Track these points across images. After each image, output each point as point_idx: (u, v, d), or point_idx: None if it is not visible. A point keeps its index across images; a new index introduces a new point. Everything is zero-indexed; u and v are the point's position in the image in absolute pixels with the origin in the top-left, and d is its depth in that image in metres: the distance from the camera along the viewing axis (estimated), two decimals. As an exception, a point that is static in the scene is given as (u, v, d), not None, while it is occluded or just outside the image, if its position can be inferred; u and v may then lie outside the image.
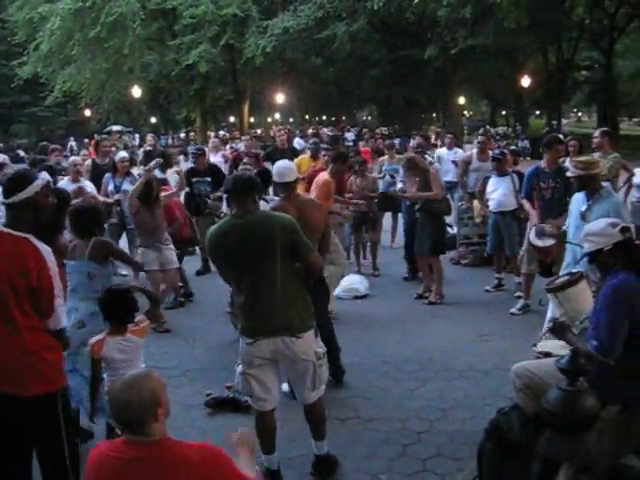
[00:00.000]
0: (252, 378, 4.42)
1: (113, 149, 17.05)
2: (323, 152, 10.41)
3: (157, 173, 9.67)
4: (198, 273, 10.54)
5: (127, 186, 9.55)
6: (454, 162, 11.93)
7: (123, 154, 10.47)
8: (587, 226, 4.12)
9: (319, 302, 5.30)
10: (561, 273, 5.74)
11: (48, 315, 3.73)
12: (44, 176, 3.85)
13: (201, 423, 5.55)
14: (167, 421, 2.82)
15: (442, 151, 12.87)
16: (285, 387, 5.98)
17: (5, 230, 3.68)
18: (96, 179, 9.73)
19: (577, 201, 6.30)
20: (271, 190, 8.15)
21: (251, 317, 4.36)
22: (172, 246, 8.22)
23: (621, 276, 3.70)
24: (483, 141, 10.98)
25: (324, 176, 7.93)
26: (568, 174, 6.37)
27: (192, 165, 11.00)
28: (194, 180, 10.32)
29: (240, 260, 4.28)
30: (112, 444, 2.79)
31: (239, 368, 4.56)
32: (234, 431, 3.22)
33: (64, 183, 8.82)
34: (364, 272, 10.22)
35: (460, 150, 12.81)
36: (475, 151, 10.99)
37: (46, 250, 3.71)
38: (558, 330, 3.99)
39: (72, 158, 10.01)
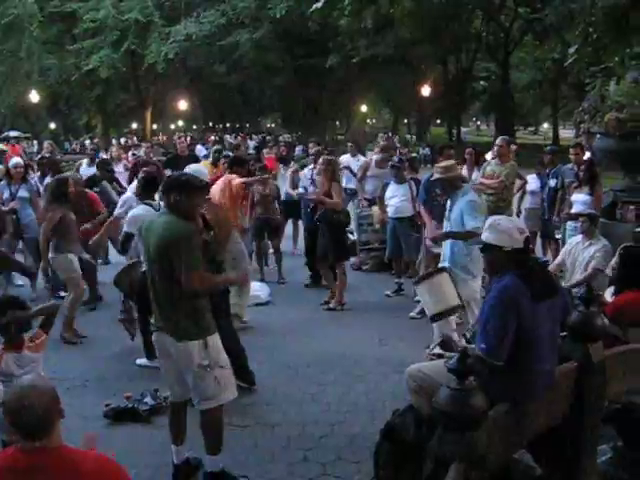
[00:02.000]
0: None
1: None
2: (223, 159, 10.39)
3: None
4: None
5: (23, 193, 9.29)
6: (347, 168, 11.98)
7: (17, 160, 10.14)
8: (495, 218, 4.14)
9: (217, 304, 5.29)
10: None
11: None
12: None
13: (101, 434, 5.42)
14: (65, 433, 2.78)
15: (346, 157, 12.95)
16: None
17: None
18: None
19: None
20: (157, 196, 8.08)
21: (154, 308, 4.57)
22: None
23: (507, 279, 3.81)
24: (383, 150, 11.20)
25: (226, 179, 7.94)
26: (432, 178, 7.11)
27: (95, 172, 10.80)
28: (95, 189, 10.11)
29: (148, 255, 4.52)
30: (4, 454, 2.72)
31: None
32: (134, 441, 3.17)
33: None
34: (267, 279, 10.22)
35: (362, 157, 12.98)
36: (374, 158, 11.19)
37: None
38: (447, 345, 4.12)
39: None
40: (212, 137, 36.93)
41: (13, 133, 45.61)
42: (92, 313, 8.84)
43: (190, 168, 5.98)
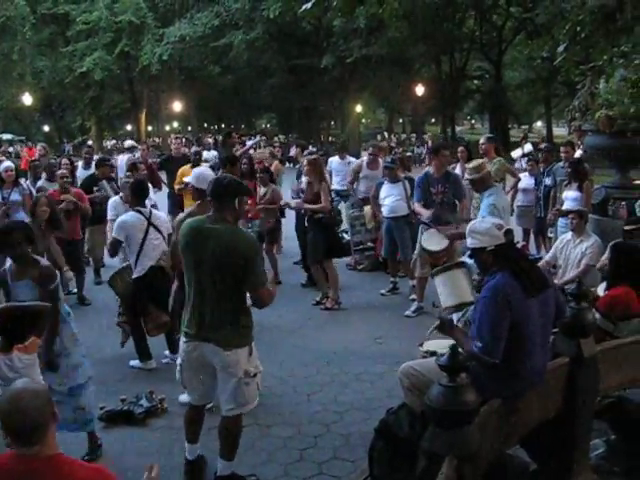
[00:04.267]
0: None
1: (3, 158, 16.55)
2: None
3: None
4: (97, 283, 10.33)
5: (16, 197, 9.28)
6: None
7: (8, 164, 10.13)
8: (472, 223, 4.26)
9: None
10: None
11: None
12: None
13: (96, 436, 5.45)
14: (60, 436, 2.77)
15: (334, 159, 12.94)
16: (183, 398, 5.99)
17: None
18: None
19: None
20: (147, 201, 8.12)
21: (191, 319, 4.47)
22: None
23: (499, 277, 3.86)
24: (374, 153, 11.24)
25: None
26: (465, 179, 7.05)
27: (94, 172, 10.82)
28: (95, 188, 10.13)
29: (198, 262, 4.34)
30: (0, 458, 2.72)
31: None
32: (129, 443, 3.18)
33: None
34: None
35: (352, 159, 13.00)
36: (365, 160, 11.24)
37: None
38: (443, 327, 4.15)
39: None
40: (208, 139, 36.80)
41: (6, 136, 45.59)
42: (84, 316, 8.80)
43: (196, 171, 6.01)
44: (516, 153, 17.96)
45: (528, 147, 18.07)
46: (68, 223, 8.92)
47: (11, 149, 38.84)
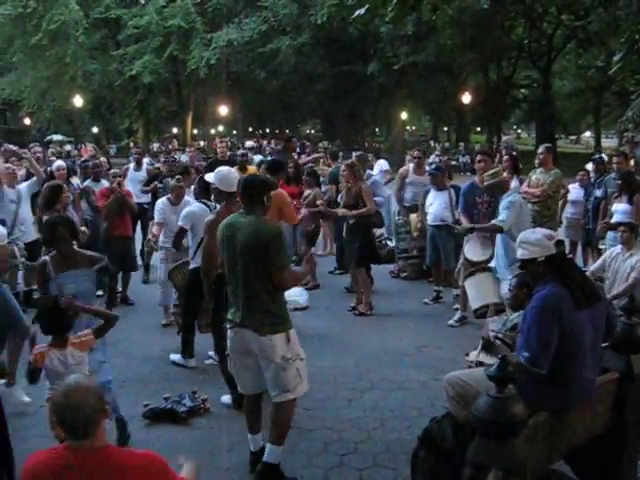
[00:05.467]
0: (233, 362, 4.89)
1: (53, 157, 16.87)
2: (263, 165, 10.46)
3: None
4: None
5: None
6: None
7: (60, 163, 10.31)
8: (523, 233, 4.22)
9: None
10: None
11: None
12: None
13: (139, 434, 5.49)
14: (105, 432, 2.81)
15: (382, 163, 13.00)
16: (225, 399, 6.03)
17: None
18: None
19: None
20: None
21: (232, 307, 4.75)
22: None
23: (549, 287, 3.80)
24: (419, 157, 11.18)
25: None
26: (484, 184, 7.39)
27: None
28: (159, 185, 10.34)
29: (232, 253, 4.61)
30: (52, 451, 2.76)
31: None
32: (171, 441, 3.21)
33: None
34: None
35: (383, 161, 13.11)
36: (412, 166, 11.18)
37: None
38: (489, 346, 4.11)
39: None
40: (253, 143, 37.03)
41: (57, 137, 46.45)
42: (130, 316, 8.91)
43: (219, 174, 6.06)
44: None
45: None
46: (120, 220, 9.07)
47: (69, 147, 39.63)
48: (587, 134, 70.63)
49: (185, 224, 7.10)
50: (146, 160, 12.02)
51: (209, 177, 6.46)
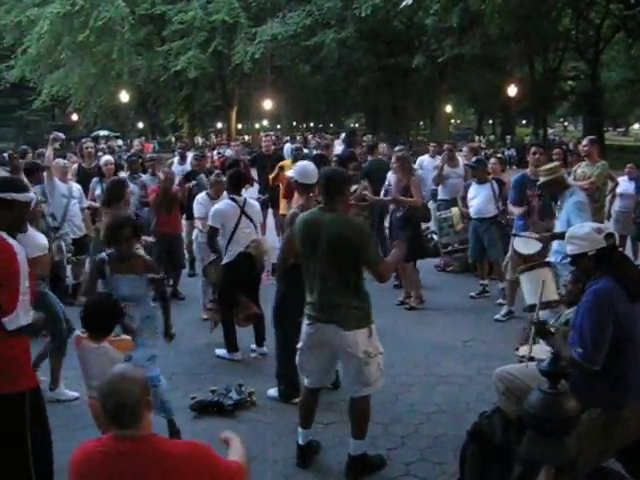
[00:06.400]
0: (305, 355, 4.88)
1: (100, 153, 17.12)
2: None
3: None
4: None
5: (114, 190, 9.52)
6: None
7: (108, 158, 10.44)
8: (571, 229, 4.16)
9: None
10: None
11: (7, 312, 3.61)
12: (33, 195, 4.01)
13: (186, 426, 5.53)
14: (152, 425, 2.82)
15: (424, 158, 12.85)
16: (272, 392, 6.05)
17: None
18: (82, 183, 9.63)
19: None
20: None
21: (312, 303, 4.73)
22: None
23: (602, 282, 3.73)
24: (450, 149, 11.10)
25: None
26: (538, 182, 7.12)
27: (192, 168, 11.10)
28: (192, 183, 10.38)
29: (314, 248, 4.61)
30: (99, 440, 2.79)
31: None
32: (217, 434, 3.21)
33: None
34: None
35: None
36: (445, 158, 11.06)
37: (18, 247, 3.69)
38: (542, 331, 4.04)
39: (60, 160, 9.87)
40: (298, 137, 37.03)
41: (103, 132, 47.19)
42: (178, 310, 8.98)
43: (298, 167, 6.05)
44: None
45: None
46: (168, 217, 9.12)
47: (120, 142, 40.16)
48: (636, 126, 69.32)
49: (214, 223, 7.08)
50: (191, 154, 12.06)
51: (290, 171, 6.45)
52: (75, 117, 49.40)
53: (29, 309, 3.81)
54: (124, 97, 40.64)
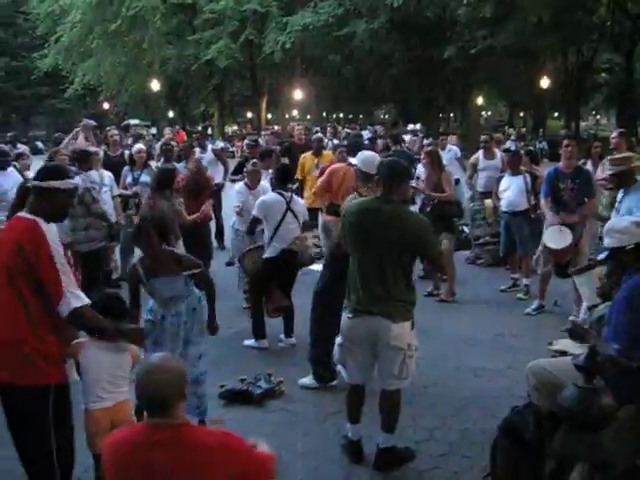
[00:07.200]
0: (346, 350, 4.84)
1: (129, 141, 17.22)
2: (340, 149, 10.44)
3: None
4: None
5: (145, 178, 9.58)
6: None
7: (139, 146, 10.51)
8: (610, 222, 4.11)
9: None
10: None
11: (56, 299, 3.57)
12: (77, 180, 3.95)
13: (215, 415, 5.55)
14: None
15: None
16: (305, 381, 6.04)
17: (20, 214, 3.69)
18: (107, 171, 9.64)
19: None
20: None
21: (359, 294, 4.65)
22: None
23: (637, 277, 3.66)
24: (486, 140, 11.00)
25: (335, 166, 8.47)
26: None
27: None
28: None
29: (367, 240, 4.58)
30: (133, 429, 2.81)
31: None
32: (246, 423, 3.21)
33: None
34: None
35: (454, 147, 12.88)
36: (481, 152, 10.97)
37: (52, 232, 3.66)
38: (576, 333, 3.99)
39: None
40: (329, 128, 36.95)
41: (134, 121, 47.53)
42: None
43: (362, 155, 6.01)
44: None
45: None
46: (196, 205, 9.09)
47: (154, 130, 40.30)
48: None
49: (258, 214, 7.12)
50: (221, 144, 12.10)
51: (353, 160, 6.42)
52: (106, 106, 49.75)
53: (76, 287, 3.75)
54: (155, 86, 40.83)
